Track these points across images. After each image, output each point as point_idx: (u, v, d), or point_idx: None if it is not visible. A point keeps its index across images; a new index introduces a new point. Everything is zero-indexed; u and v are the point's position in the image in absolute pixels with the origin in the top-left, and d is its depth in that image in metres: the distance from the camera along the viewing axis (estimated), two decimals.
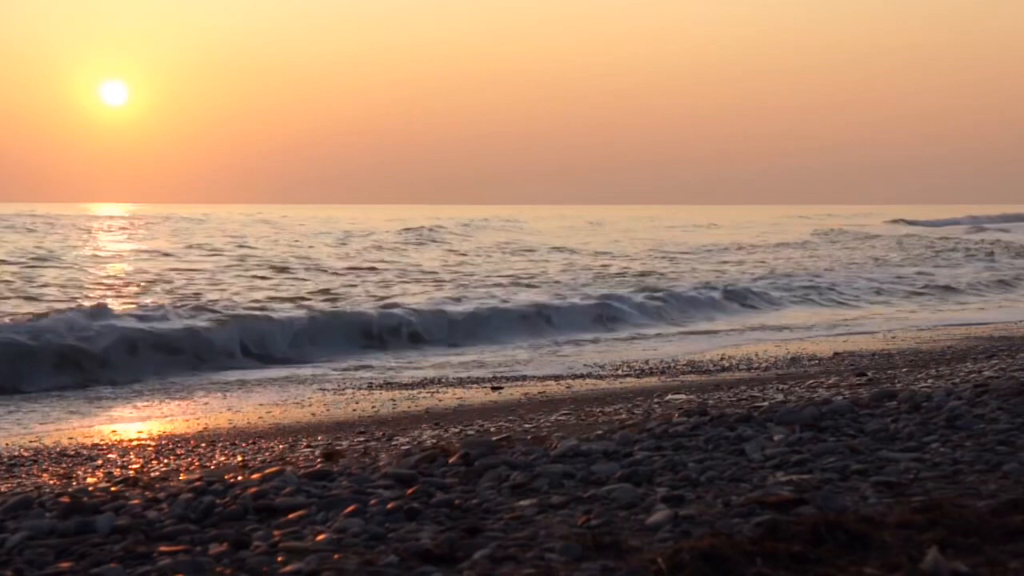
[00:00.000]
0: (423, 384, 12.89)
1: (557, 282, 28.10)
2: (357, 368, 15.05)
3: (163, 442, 9.24)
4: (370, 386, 12.88)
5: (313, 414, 10.79)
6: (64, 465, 8.19)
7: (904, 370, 12.12)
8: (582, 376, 13.26)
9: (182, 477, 6.77)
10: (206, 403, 11.94)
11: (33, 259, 32.84)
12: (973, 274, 33.04)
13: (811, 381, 11.28)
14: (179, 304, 19.51)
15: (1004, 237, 62.10)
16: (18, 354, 14.18)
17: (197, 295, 22.97)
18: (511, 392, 11.87)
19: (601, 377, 13.09)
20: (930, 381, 10.29)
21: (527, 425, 8.87)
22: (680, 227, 78.26)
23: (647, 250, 46.45)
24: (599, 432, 7.08)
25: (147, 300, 21.85)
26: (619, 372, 13.66)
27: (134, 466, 7.82)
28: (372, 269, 32.22)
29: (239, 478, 5.80)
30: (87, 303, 19.93)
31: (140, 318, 16.56)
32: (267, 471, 5.80)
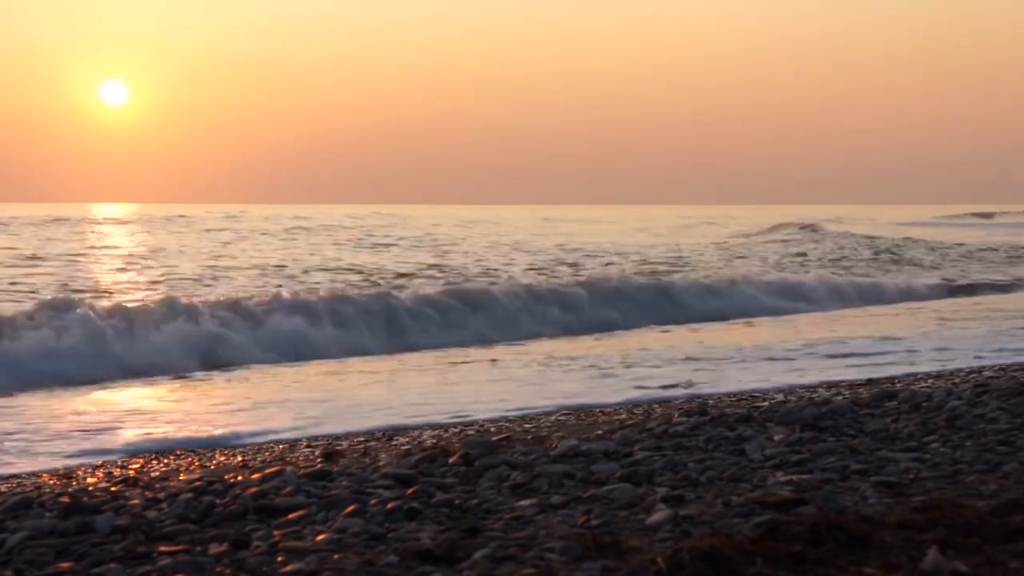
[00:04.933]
0: None
1: None
2: None
3: None
4: None
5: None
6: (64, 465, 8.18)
7: None
8: None
9: (182, 477, 6.78)
10: None
11: None
12: None
13: None
14: None
15: None
16: None
17: None
18: None
19: None
20: (930, 381, 10.28)
21: (527, 425, 8.87)
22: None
23: None
24: (599, 432, 7.09)
25: None
26: None
27: (134, 466, 7.82)
28: None
29: (239, 478, 5.80)
30: None
31: None
32: (267, 471, 5.81)
